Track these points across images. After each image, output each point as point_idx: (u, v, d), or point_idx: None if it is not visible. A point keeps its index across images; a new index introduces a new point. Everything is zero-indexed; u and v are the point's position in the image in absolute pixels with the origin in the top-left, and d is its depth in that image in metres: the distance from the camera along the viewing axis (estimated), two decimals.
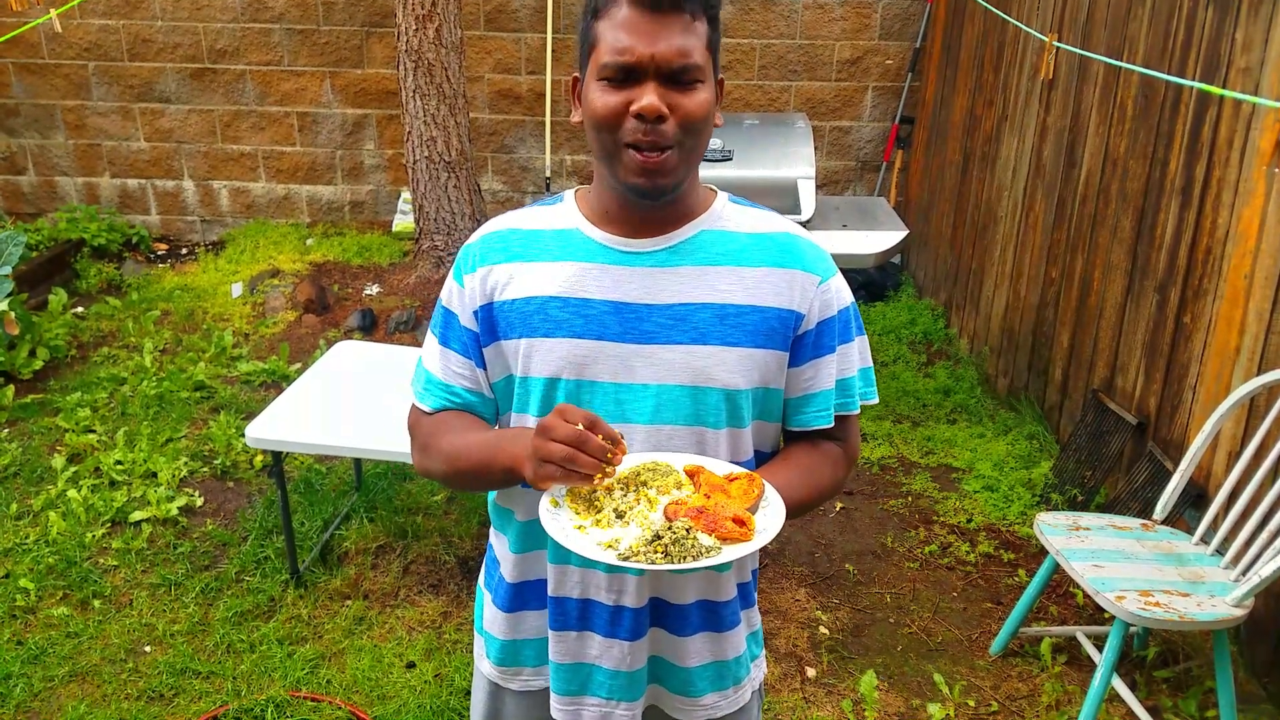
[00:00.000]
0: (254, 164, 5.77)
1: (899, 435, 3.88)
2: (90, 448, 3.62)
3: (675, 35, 1.11)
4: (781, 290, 1.22)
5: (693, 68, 1.12)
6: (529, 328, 1.22)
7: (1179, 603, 2.20)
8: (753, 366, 1.21)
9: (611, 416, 1.20)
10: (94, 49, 5.53)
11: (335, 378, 3.07)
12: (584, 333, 1.20)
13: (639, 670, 1.31)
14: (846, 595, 2.99)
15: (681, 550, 1.05)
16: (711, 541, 1.07)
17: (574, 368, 1.20)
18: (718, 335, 1.20)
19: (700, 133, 1.16)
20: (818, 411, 1.28)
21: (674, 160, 1.14)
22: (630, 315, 1.20)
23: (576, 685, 1.33)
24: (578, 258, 1.22)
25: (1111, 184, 3.27)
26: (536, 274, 1.23)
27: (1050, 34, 3.59)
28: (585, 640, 1.31)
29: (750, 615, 1.39)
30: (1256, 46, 2.53)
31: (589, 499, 1.14)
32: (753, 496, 1.13)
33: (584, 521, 1.12)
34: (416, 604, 2.88)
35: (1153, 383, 3.02)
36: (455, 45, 4.64)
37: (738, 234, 1.24)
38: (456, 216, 4.86)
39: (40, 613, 2.82)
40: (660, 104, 1.11)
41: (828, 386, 1.27)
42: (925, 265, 5.23)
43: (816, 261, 1.25)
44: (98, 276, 5.24)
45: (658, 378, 1.20)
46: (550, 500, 1.13)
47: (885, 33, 5.42)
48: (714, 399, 1.20)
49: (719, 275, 1.21)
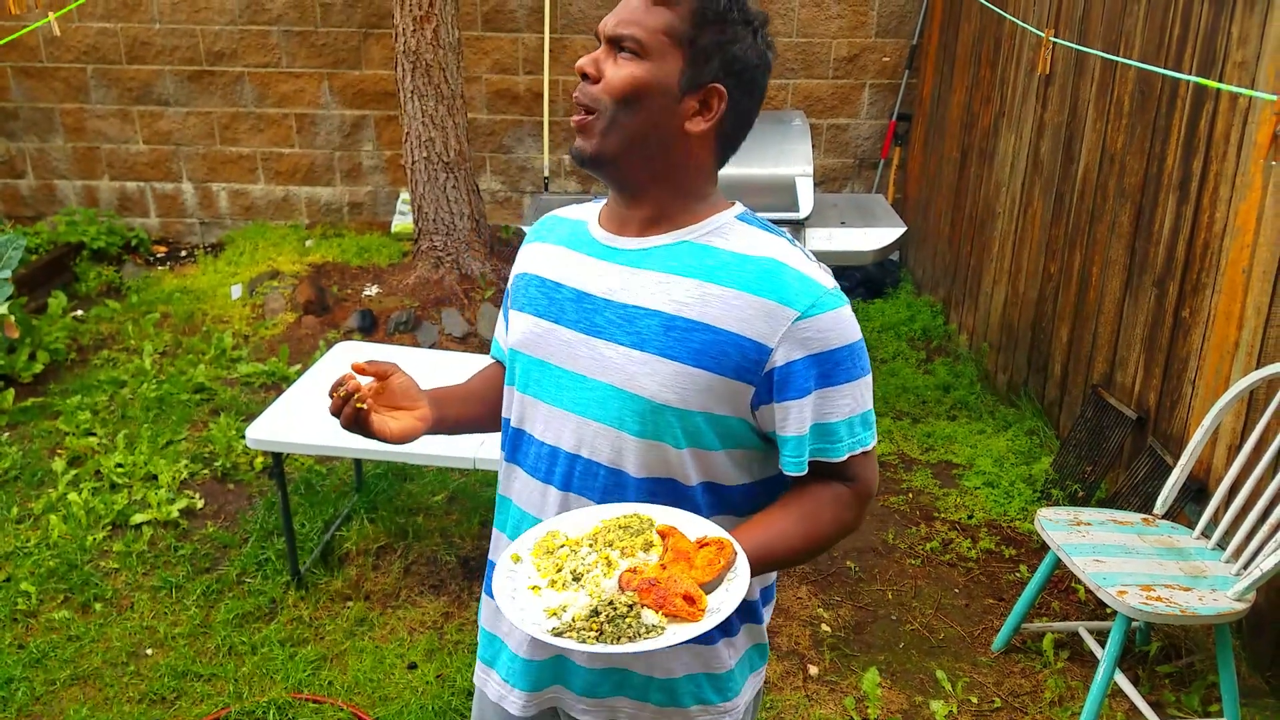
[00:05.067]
0: (253, 166, 5.77)
1: (899, 431, 3.88)
2: (91, 450, 3.62)
3: (632, 9, 1.15)
4: (748, 318, 1.13)
5: (628, 38, 1.14)
6: (515, 300, 1.33)
7: (1181, 597, 2.20)
8: (693, 387, 1.14)
9: (553, 400, 1.24)
10: (92, 52, 5.53)
11: (335, 379, 3.06)
12: (545, 314, 1.26)
13: (537, 662, 1.30)
14: (848, 592, 2.99)
15: (617, 630, 1.01)
16: (656, 620, 1.02)
17: (530, 344, 1.26)
18: (656, 345, 1.15)
19: (622, 108, 1.14)
20: (790, 457, 1.18)
21: (597, 126, 1.16)
22: (588, 306, 1.22)
23: (489, 655, 1.38)
24: (571, 245, 1.28)
25: (1109, 179, 3.27)
26: (542, 254, 1.32)
27: (1047, 29, 3.59)
28: (500, 616, 1.35)
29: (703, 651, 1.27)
30: (1253, 40, 2.53)
31: (556, 552, 1.12)
32: (716, 568, 1.06)
33: (541, 581, 1.09)
34: (418, 604, 2.88)
35: (1152, 377, 3.02)
36: (453, 46, 4.64)
37: (722, 250, 1.18)
38: (455, 217, 4.86)
39: (41, 616, 2.82)
40: (591, 65, 1.16)
41: (799, 433, 1.16)
42: (924, 261, 5.23)
43: (801, 296, 1.13)
44: (97, 279, 5.24)
45: (594, 373, 1.20)
46: (512, 555, 1.12)
47: (882, 30, 5.41)
48: (639, 406, 1.16)
49: (680, 286, 1.16)
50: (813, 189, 3.71)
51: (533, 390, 1.26)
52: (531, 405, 1.27)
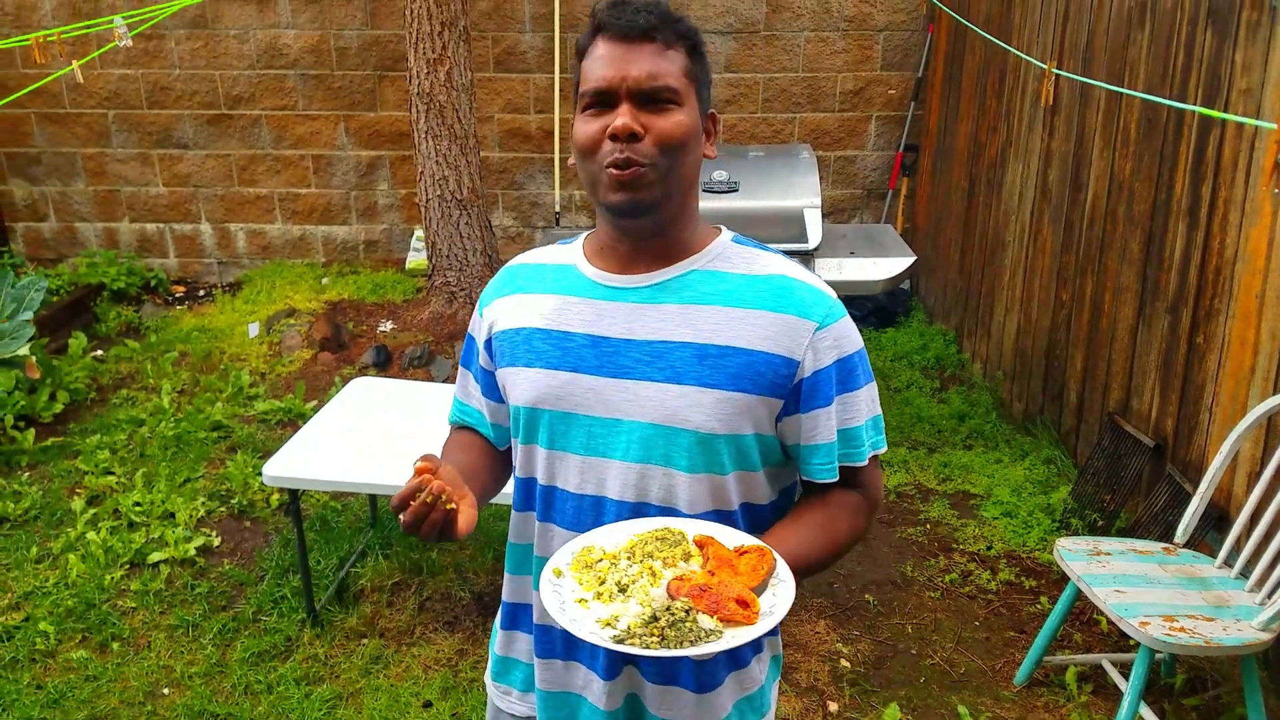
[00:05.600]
0: (270, 206, 5.85)
1: (915, 462, 3.86)
2: (109, 489, 3.65)
3: (646, 60, 1.15)
4: (773, 335, 1.17)
5: (665, 89, 1.15)
6: (514, 357, 1.26)
7: (1204, 627, 2.17)
8: (733, 411, 1.17)
9: (587, 450, 1.21)
10: (114, 98, 5.65)
11: (350, 414, 3.09)
12: (560, 365, 1.22)
13: (616, 711, 1.28)
14: (867, 626, 2.96)
15: (679, 634, 1.00)
16: (712, 624, 1.02)
17: (551, 399, 1.22)
18: (694, 376, 1.17)
19: (679, 154, 1.16)
20: (821, 464, 1.22)
21: (650, 176, 1.15)
22: (608, 349, 1.20)
23: (565, 715, 1.32)
24: (566, 291, 1.25)
25: (1118, 207, 3.27)
26: (529, 306, 1.27)
27: (1050, 61, 3.62)
28: (572, 670, 1.30)
29: (741, 677, 1.30)
30: (1256, 68, 2.54)
31: (596, 566, 1.12)
32: (761, 573, 1.07)
33: (586, 594, 1.08)
34: (433, 642, 2.87)
35: (1169, 404, 3.00)
36: (466, 87, 4.72)
37: (731, 274, 1.21)
38: (468, 253, 4.91)
39: (60, 656, 2.82)
40: (633, 123, 1.13)
41: (829, 439, 1.21)
42: (935, 290, 5.23)
43: (815, 307, 1.19)
44: (117, 319, 5.31)
45: (631, 414, 1.19)
46: (554, 569, 1.11)
47: (887, 63, 5.47)
48: (685, 441, 1.17)
49: (703, 314, 1.19)
50: (821, 220, 3.72)
51: (560, 444, 1.23)
52: (560, 460, 1.23)
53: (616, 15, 1.16)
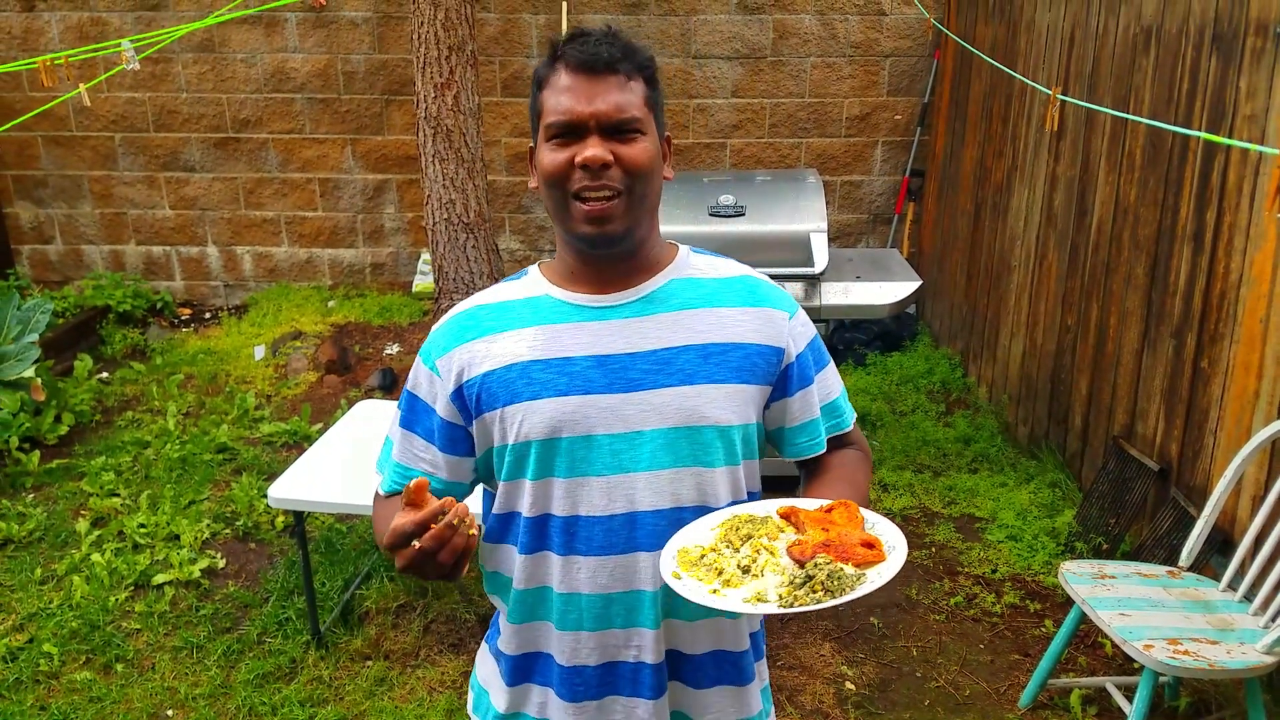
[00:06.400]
0: (276, 229, 5.89)
1: (920, 485, 3.85)
2: (114, 511, 3.65)
3: (613, 93, 1.18)
4: (759, 328, 1.27)
5: (632, 120, 1.19)
6: (512, 394, 1.22)
7: (1208, 651, 2.17)
8: (742, 402, 1.25)
9: (610, 468, 1.21)
10: (121, 121, 5.70)
11: (356, 437, 3.09)
12: (569, 390, 1.21)
13: None
14: (872, 649, 2.95)
15: (839, 584, 1.03)
16: (854, 571, 1.05)
17: (569, 425, 1.20)
18: (704, 374, 1.23)
19: (646, 179, 1.20)
20: (811, 440, 1.33)
21: (621, 206, 1.18)
22: (615, 366, 1.22)
23: None
24: (551, 320, 1.24)
25: (1123, 231, 3.29)
26: (511, 341, 1.24)
27: (1055, 87, 3.65)
28: (607, 708, 1.28)
29: (761, 668, 1.39)
30: (1261, 94, 2.57)
31: (702, 562, 1.11)
32: (860, 520, 1.13)
33: (715, 584, 1.08)
34: (437, 664, 2.87)
35: (1173, 428, 3.00)
36: (473, 111, 4.76)
37: (705, 280, 1.29)
38: (475, 276, 4.93)
39: (64, 678, 2.82)
40: (604, 153, 1.16)
41: (815, 415, 1.33)
42: (940, 315, 5.24)
43: (781, 300, 1.31)
44: (123, 342, 5.33)
45: (650, 423, 1.21)
46: (672, 573, 1.10)
47: (893, 89, 5.51)
48: (709, 436, 1.22)
49: (696, 317, 1.25)
50: (827, 244, 3.74)
51: (581, 469, 1.21)
52: (582, 485, 1.21)
53: (579, 48, 1.18)
